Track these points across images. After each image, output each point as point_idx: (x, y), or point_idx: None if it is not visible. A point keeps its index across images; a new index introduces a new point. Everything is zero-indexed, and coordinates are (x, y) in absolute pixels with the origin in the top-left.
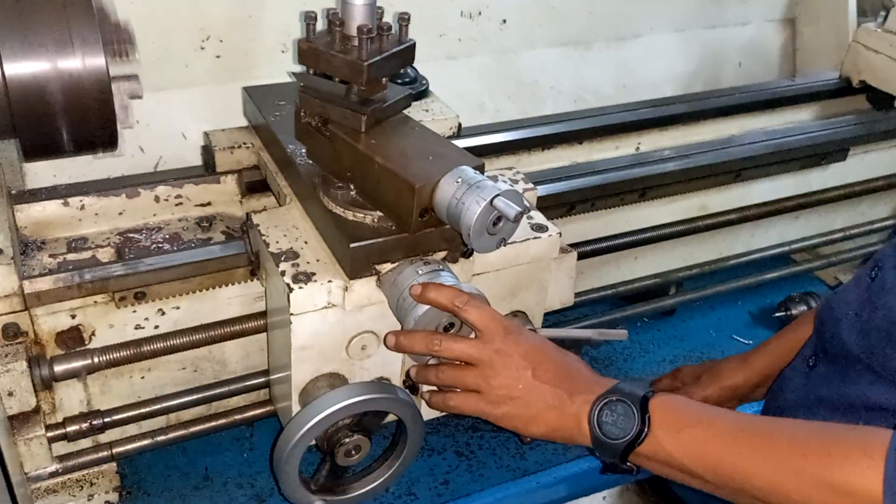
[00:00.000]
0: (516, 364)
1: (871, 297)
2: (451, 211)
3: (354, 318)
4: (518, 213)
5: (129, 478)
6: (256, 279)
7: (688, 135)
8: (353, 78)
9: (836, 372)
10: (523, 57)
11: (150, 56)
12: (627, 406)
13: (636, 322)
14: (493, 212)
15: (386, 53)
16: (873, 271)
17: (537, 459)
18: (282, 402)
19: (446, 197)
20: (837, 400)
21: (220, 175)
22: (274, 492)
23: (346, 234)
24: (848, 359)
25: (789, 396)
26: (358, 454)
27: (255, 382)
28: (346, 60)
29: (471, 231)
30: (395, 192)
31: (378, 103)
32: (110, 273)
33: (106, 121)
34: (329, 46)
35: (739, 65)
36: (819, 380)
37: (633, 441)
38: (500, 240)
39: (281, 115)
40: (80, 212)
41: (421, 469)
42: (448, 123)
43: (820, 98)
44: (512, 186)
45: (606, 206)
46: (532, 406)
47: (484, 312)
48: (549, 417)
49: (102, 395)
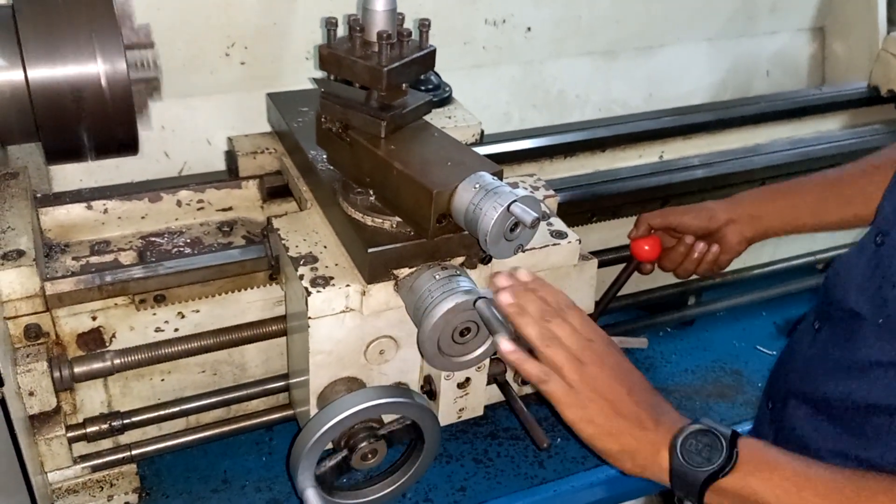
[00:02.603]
0: (616, 375)
1: (880, 263)
2: (468, 217)
3: (372, 323)
4: (535, 220)
5: (148, 479)
6: (276, 283)
7: (713, 143)
8: (373, 83)
9: (842, 335)
10: (549, 66)
11: (176, 63)
12: (715, 437)
13: (658, 332)
14: (510, 218)
15: (406, 59)
16: (878, 237)
17: (556, 468)
18: (301, 407)
19: (464, 203)
20: (845, 360)
21: (241, 180)
22: (291, 496)
23: (364, 240)
24: (855, 321)
25: (797, 359)
26: (373, 459)
27: (273, 386)
28: (366, 66)
29: (488, 237)
30: (414, 197)
31: (398, 109)
32: (130, 276)
33: (127, 125)
34: (349, 52)
35: (767, 73)
36: (825, 342)
37: (717, 472)
38: (518, 246)
39: (303, 121)
40: (104, 215)
41: (438, 475)
42: (471, 131)
43: (848, 107)
44: (531, 193)
45: (627, 214)
46: (614, 421)
47: (585, 320)
48: (628, 437)
49: (123, 397)
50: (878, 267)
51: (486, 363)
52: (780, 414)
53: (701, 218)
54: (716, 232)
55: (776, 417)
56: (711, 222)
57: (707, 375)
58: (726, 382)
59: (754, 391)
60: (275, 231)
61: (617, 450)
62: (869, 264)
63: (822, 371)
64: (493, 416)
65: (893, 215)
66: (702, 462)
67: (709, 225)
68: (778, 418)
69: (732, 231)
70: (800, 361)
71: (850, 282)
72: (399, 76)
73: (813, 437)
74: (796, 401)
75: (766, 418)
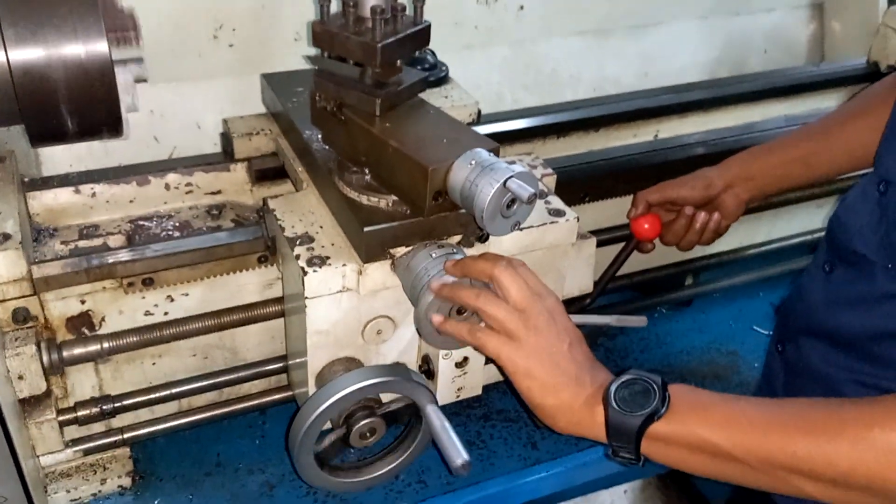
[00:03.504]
0: (559, 329)
1: (886, 211)
2: (464, 193)
3: (369, 303)
4: (531, 195)
5: (142, 463)
6: (266, 266)
7: (708, 121)
8: (367, 60)
9: (855, 274)
10: (541, 46)
11: (163, 46)
12: (647, 384)
13: (653, 313)
14: (506, 194)
15: (400, 35)
16: (881, 185)
17: (549, 449)
18: (299, 388)
19: (460, 180)
20: (860, 295)
21: (230, 163)
22: (284, 479)
23: (360, 219)
24: (865, 261)
25: (810, 299)
26: (372, 437)
27: (265, 369)
28: (359, 42)
29: (484, 213)
30: (409, 175)
31: (393, 86)
32: (117, 259)
33: (110, 106)
34: (343, 28)
35: (765, 52)
36: (839, 282)
37: (652, 415)
38: (515, 223)
39: (298, 101)
40: (92, 199)
41: (432, 457)
42: (468, 110)
43: (847, 83)
44: (527, 169)
45: (621, 194)
46: (556, 375)
47: (530, 277)
48: (566, 392)
49: (114, 381)
50: (883, 214)
51: None
52: (793, 354)
53: (698, 188)
54: (714, 199)
55: (788, 359)
56: (709, 190)
57: (702, 356)
58: (722, 363)
59: (750, 371)
60: (271, 212)
61: (554, 404)
62: (874, 211)
63: (837, 307)
64: (487, 399)
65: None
66: (636, 408)
67: (707, 193)
68: (790, 359)
69: (730, 195)
70: (812, 302)
71: (855, 228)
72: (393, 52)
73: (829, 370)
74: (810, 338)
75: (777, 362)
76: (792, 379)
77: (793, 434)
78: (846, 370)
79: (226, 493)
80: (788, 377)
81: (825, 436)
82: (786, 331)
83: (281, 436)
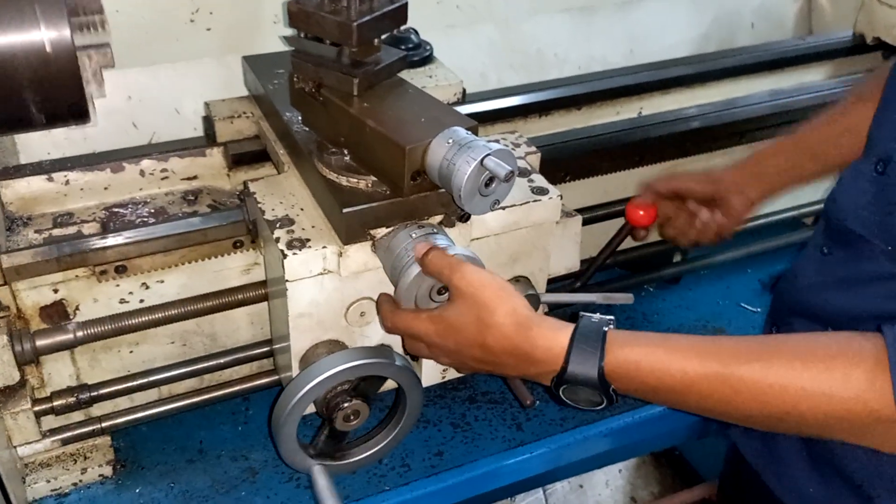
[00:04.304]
0: (474, 343)
1: (884, 191)
2: (442, 172)
3: (352, 285)
4: (509, 173)
5: (123, 451)
6: (242, 251)
7: (693, 98)
8: (344, 39)
9: (851, 254)
10: (526, 25)
11: (139, 31)
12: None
13: (640, 291)
14: (484, 172)
15: (377, 13)
16: (878, 165)
17: (534, 430)
18: (285, 372)
19: (437, 158)
20: (853, 278)
21: (206, 148)
22: (267, 464)
23: (339, 200)
24: (862, 242)
25: (805, 281)
26: (357, 419)
27: (244, 355)
28: (335, 21)
29: (462, 192)
30: (387, 155)
31: (371, 66)
32: (88, 246)
33: (74, 93)
34: (319, 7)
35: (753, 27)
36: (834, 263)
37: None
38: (494, 201)
39: (279, 83)
40: (65, 187)
41: (416, 440)
42: (452, 90)
43: (833, 56)
44: (506, 147)
45: (601, 172)
46: (498, 369)
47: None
48: (519, 371)
49: (91, 370)
50: (882, 194)
51: None
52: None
53: (705, 182)
54: (721, 198)
55: None
56: (717, 186)
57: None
58: None
59: None
60: (251, 195)
61: (517, 375)
62: (870, 192)
63: (831, 288)
64: (472, 381)
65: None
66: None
67: (714, 188)
68: None
69: (738, 196)
70: (806, 284)
71: (851, 209)
72: (370, 31)
73: None
74: (804, 319)
75: None
76: None
77: (747, 365)
78: None
79: (208, 480)
80: None
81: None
82: (780, 313)
83: (265, 421)
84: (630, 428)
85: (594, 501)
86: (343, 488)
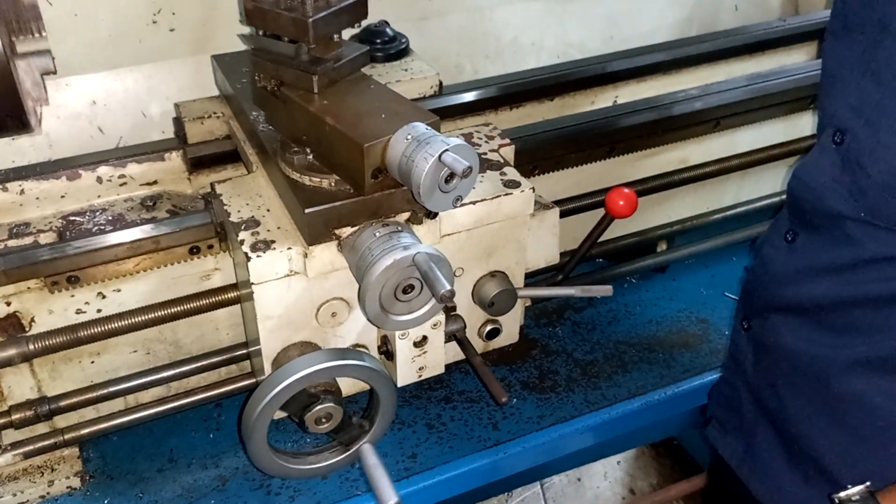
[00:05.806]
0: None
1: (850, 158)
2: (402, 169)
3: (320, 285)
4: (467, 168)
5: (92, 462)
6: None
7: (670, 84)
8: (300, 36)
9: (821, 239)
10: (500, 12)
11: (100, 34)
12: None
13: (622, 283)
14: (443, 168)
15: (334, 8)
16: (836, 136)
17: (510, 429)
18: (259, 375)
19: (397, 155)
20: (825, 265)
21: (163, 152)
22: (237, 472)
23: (302, 200)
24: (835, 222)
25: (775, 271)
26: (328, 423)
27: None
28: (290, 18)
29: (421, 189)
30: (347, 153)
31: (330, 62)
32: (37, 257)
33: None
34: (275, 4)
35: (736, 8)
36: (803, 250)
37: None
38: (456, 198)
39: (247, 82)
40: (21, 196)
41: (390, 442)
42: (428, 82)
43: (814, 38)
44: (463, 141)
45: (572, 164)
46: None
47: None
48: None
49: (53, 381)
50: (846, 163)
51: (442, 320)
52: (761, 331)
53: None
54: None
55: (756, 336)
56: None
57: (672, 325)
58: (692, 331)
59: (721, 339)
60: (217, 197)
61: None
62: (834, 163)
63: (805, 277)
64: (449, 380)
65: (849, 113)
66: None
67: None
68: (758, 336)
69: None
70: (779, 274)
71: (819, 185)
72: (327, 26)
73: (800, 345)
74: (778, 313)
75: (744, 340)
76: (761, 357)
77: None
78: (823, 345)
79: (177, 489)
80: (758, 355)
81: None
82: (751, 307)
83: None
84: (625, 417)
85: (593, 494)
86: (314, 494)
